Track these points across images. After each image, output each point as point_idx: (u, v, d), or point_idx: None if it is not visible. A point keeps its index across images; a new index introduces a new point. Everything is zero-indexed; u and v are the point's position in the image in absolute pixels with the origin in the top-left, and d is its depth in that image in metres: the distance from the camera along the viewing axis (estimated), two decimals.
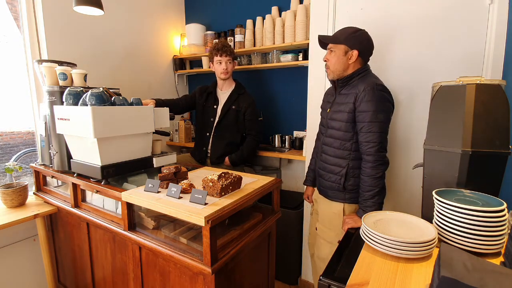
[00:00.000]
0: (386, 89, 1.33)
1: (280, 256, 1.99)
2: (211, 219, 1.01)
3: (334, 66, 1.40)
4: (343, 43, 1.36)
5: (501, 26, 1.39)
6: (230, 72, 2.15)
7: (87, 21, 2.16)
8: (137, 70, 2.62)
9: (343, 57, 1.37)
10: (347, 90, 1.40)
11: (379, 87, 1.31)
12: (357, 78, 1.39)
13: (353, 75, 1.39)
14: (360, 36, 1.35)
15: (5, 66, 2.04)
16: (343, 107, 1.39)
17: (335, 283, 0.82)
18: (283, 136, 2.49)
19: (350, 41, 1.34)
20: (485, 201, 0.89)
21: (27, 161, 2.30)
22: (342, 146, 1.42)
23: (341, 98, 1.42)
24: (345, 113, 1.37)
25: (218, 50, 2.08)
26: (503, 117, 0.97)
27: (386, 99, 1.33)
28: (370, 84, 1.31)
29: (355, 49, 1.35)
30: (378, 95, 1.30)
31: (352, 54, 1.36)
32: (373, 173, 1.31)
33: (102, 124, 1.34)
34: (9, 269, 1.84)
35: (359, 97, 1.32)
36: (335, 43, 1.38)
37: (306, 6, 2.13)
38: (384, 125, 1.32)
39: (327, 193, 1.52)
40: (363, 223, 0.96)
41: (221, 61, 2.10)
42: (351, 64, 1.38)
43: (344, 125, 1.39)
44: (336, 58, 1.39)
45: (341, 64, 1.38)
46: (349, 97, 1.37)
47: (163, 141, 2.87)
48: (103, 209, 1.51)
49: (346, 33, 1.36)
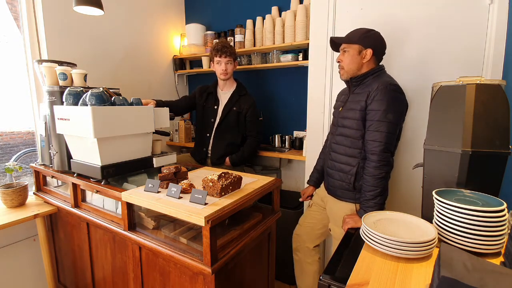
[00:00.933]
0: (400, 89, 1.33)
1: (280, 256, 1.99)
2: (211, 219, 1.01)
3: (348, 66, 1.41)
4: (357, 43, 1.37)
5: (501, 26, 1.39)
6: (230, 73, 2.13)
7: (87, 21, 2.16)
8: (137, 70, 2.62)
9: (357, 57, 1.38)
10: (360, 89, 1.40)
11: (393, 87, 1.31)
12: (371, 77, 1.38)
13: (367, 74, 1.39)
14: (373, 36, 1.37)
15: (5, 66, 2.04)
16: (355, 105, 1.39)
17: (335, 283, 0.82)
18: (283, 136, 2.49)
19: (364, 41, 1.36)
20: (485, 201, 0.89)
21: (27, 161, 2.30)
22: (353, 145, 1.41)
23: (354, 97, 1.42)
24: (357, 111, 1.37)
25: (218, 51, 2.06)
26: (503, 117, 0.97)
27: (399, 99, 1.32)
28: (384, 83, 1.31)
29: (369, 48, 1.36)
30: (391, 95, 1.29)
31: (366, 53, 1.37)
32: (376, 173, 1.31)
33: (102, 124, 1.34)
34: (9, 269, 1.84)
35: (371, 95, 1.32)
36: (349, 43, 1.39)
37: (306, 6, 2.13)
38: (392, 126, 1.30)
39: (335, 193, 1.51)
40: (363, 223, 0.96)
41: (221, 62, 2.08)
42: (365, 63, 1.39)
43: (355, 123, 1.38)
44: (350, 58, 1.39)
45: (355, 63, 1.39)
46: (362, 95, 1.37)
47: (163, 141, 2.87)
48: (103, 209, 1.51)
49: (359, 33, 1.37)
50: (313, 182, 1.76)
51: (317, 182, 1.75)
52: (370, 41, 1.36)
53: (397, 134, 1.37)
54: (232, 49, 2.09)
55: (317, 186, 1.76)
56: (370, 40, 1.36)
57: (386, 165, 1.31)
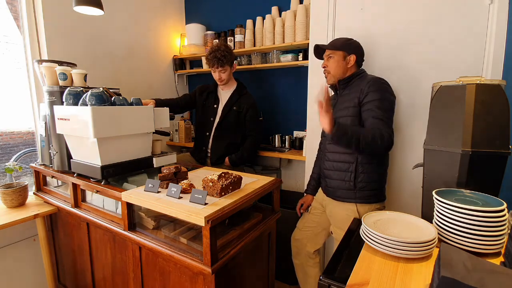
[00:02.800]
0: (387, 83, 1.41)
1: (280, 256, 1.99)
2: (211, 219, 1.00)
3: (335, 71, 1.49)
4: (341, 50, 1.47)
5: (501, 26, 1.39)
6: (226, 79, 2.12)
7: (87, 21, 2.16)
8: (137, 70, 2.62)
9: (342, 62, 1.48)
10: (349, 90, 1.48)
11: (382, 80, 1.40)
12: (357, 78, 1.48)
13: (352, 77, 1.49)
14: (354, 43, 1.49)
15: (5, 66, 2.04)
16: (347, 103, 1.44)
17: (335, 283, 0.82)
18: (283, 136, 2.49)
19: (347, 48, 1.47)
20: (485, 201, 0.89)
21: (27, 161, 2.30)
22: None
23: (343, 98, 1.48)
24: (351, 108, 1.41)
25: (209, 61, 2.05)
26: (503, 117, 0.97)
27: (389, 91, 1.39)
28: (373, 78, 1.41)
29: (353, 54, 1.47)
30: (382, 87, 1.37)
31: (350, 59, 1.47)
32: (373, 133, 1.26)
33: (102, 124, 1.34)
34: (9, 269, 1.84)
35: (364, 90, 1.38)
36: (334, 49, 1.49)
37: (306, 6, 2.13)
38: (389, 112, 1.35)
39: (335, 194, 1.51)
40: (363, 223, 0.96)
41: (214, 71, 2.10)
42: (349, 68, 1.49)
43: (350, 119, 1.41)
44: (336, 64, 1.49)
45: (341, 68, 1.49)
46: (353, 94, 1.43)
47: (163, 141, 2.87)
48: (103, 209, 1.51)
49: (341, 42, 1.48)
50: (310, 191, 1.76)
51: (314, 190, 1.75)
52: (352, 47, 1.48)
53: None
54: (224, 58, 2.00)
55: (315, 194, 1.76)
56: (352, 47, 1.48)
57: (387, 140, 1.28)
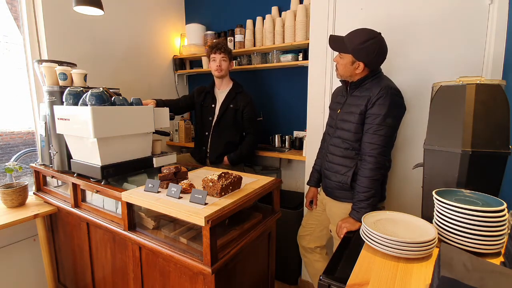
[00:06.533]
0: (399, 94, 1.33)
1: (280, 256, 1.99)
2: (211, 219, 1.00)
3: (342, 72, 1.41)
4: (350, 53, 1.34)
5: (501, 26, 1.39)
6: (225, 70, 2.14)
7: (87, 21, 2.16)
8: (137, 70, 2.62)
9: (350, 66, 1.37)
10: (359, 92, 1.39)
11: (393, 91, 1.30)
12: (370, 80, 1.37)
13: (365, 79, 1.38)
14: (368, 47, 1.30)
15: (5, 66, 2.04)
16: (354, 109, 1.38)
17: (335, 283, 0.82)
18: (283, 136, 2.49)
19: (357, 53, 1.32)
20: (485, 201, 0.89)
21: (27, 161, 2.30)
22: (350, 147, 1.41)
23: (353, 100, 1.41)
24: (357, 115, 1.37)
25: (212, 48, 2.11)
26: (503, 117, 0.97)
27: (399, 104, 1.33)
28: (384, 87, 1.30)
29: (361, 62, 1.33)
30: (391, 100, 1.29)
31: (358, 65, 1.35)
32: (371, 175, 1.31)
33: (102, 124, 1.34)
34: (9, 269, 1.84)
35: (372, 100, 1.31)
36: (343, 52, 1.37)
37: (306, 6, 2.13)
38: (391, 130, 1.32)
39: (333, 194, 1.51)
40: (363, 223, 0.96)
41: (215, 59, 2.11)
42: (357, 73, 1.38)
43: (354, 126, 1.38)
44: (343, 66, 1.39)
45: (348, 71, 1.39)
46: (361, 99, 1.36)
47: (163, 141, 2.87)
48: (103, 209, 1.51)
49: (354, 42, 1.31)
50: (314, 183, 1.74)
51: (317, 182, 1.73)
52: (363, 54, 1.31)
53: (394, 138, 1.38)
54: (226, 47, 2.13)
55: (318, 186, 1.75)
56: (363, 53, 1.31)
57: (382, 168, 1.33)
